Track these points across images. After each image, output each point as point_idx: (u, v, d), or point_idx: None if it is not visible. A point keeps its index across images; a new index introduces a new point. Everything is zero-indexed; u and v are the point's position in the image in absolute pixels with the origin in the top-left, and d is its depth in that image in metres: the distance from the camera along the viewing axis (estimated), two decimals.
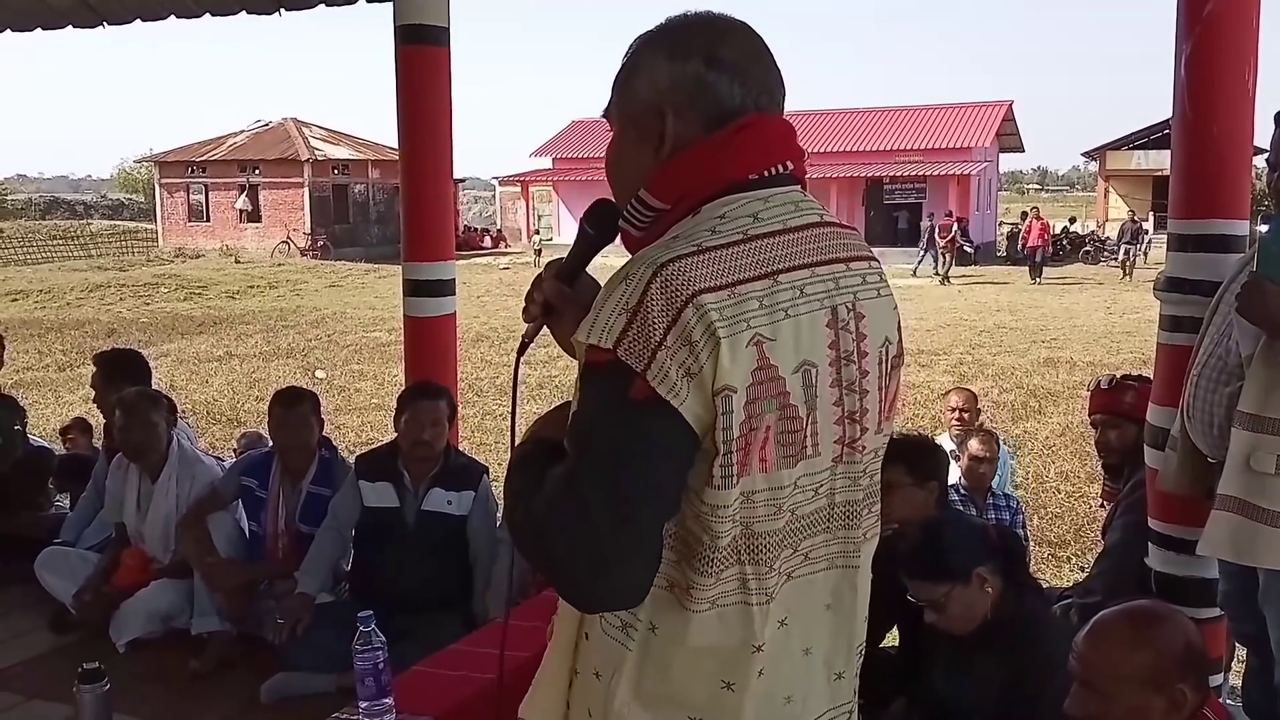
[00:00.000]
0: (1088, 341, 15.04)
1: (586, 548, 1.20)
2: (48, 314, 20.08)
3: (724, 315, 1.20)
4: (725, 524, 1.25)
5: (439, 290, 4.05)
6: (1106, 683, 1.94)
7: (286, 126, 37.76)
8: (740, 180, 1.32)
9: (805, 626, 1.37)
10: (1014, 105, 36.10)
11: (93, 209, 53.68)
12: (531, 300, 1.51)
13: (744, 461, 1.24)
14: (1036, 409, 10.48)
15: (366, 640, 2.35)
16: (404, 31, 3.93)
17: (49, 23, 5.81)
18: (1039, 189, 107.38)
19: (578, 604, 1.29)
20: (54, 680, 3.46)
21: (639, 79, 1.38)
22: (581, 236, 1.52)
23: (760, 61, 1.37)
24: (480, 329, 15.89)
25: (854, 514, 1.39)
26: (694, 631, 1.28)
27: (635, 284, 1.22)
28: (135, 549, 4.25)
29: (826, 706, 1.42)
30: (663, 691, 1.30)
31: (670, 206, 1.33)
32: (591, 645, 1.34)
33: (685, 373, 1.19)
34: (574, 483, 1.21)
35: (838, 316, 1.32)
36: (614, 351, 1.20)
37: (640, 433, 1.20)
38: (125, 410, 4.19)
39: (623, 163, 1.42)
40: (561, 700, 1.38)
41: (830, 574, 1.39)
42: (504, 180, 43.34)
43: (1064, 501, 7.37)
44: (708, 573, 1.26)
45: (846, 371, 1.33)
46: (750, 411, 1.22)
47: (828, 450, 1.33)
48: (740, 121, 1.33)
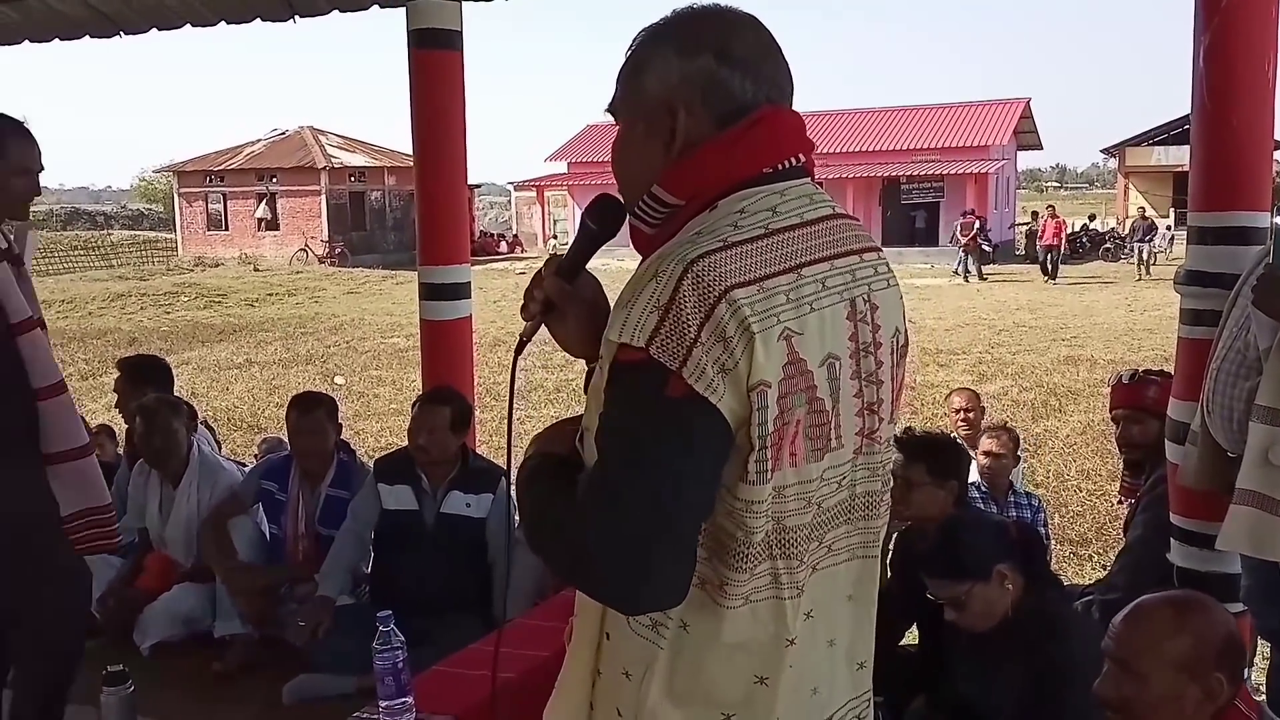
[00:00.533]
0: (1108, 339, 14.95)
1: (627, 551, 1.19)
2: (70, 324, 20.24)
3: (755, 310, 1.20)
4: (759, 519, 1.25)
5: (455, 294, 4.06)
6: (1143, 665, 1.93)
7: (303, 135, 37.96)
8: (755, 175, 1.31)
9: (829, 618, 1.37)
10: (1031, 102, 35.92)
11: (113, 219, 54.15)
12: (531, 298, 1.48)
13: (777, 456, 1.24)
14: (1057, 407, 10.43)
15: (386, 640, 2.36)
16: (417, 36, 3.94)
17: (66, 33, 5.85)
18: (1058, 187, 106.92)
19: (620, 607, 1.28)
20: (79, 684, 3.47)
21: (648, 74, 1.36)
22: (583, 232, 1.50)
23: (770, 56, 1.36)
24: (497, 333, 15.91)
25: (873, 504, 1.40)
26: (728, 628, 1.28)
27: (666, 281, 1.20)
28: (158, 554, 4.28)
29: (849, 696, 1.43)
30: (696, 689, 1.29)
31: (685, 202, 1.32)
32: (616, 645, 1.33)
33: (721, 369, 1.19)
34: (608, 484, 1.21)
35: (856, 309, 1.33)
36: (646, 350, 1.19)
37: (678, 431, 1.19)
38: (146, 417, 4.23)
39: (631, 159, 1.40)
40: (585, 701, 1.37)
41: (852, 565, 1.40)
42: (519, 185, 43.43)
43: (1085, 500, 7.33)
44: (741, 568, 1.26)
45: (865, 363, 1.34)
46: (783, 406, 1.22)
47: (850, 442, 1.34)
48: (753, 116, 1.32)
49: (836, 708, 1.41)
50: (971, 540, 2.71)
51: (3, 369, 2.84)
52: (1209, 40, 2.83)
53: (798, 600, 1.31)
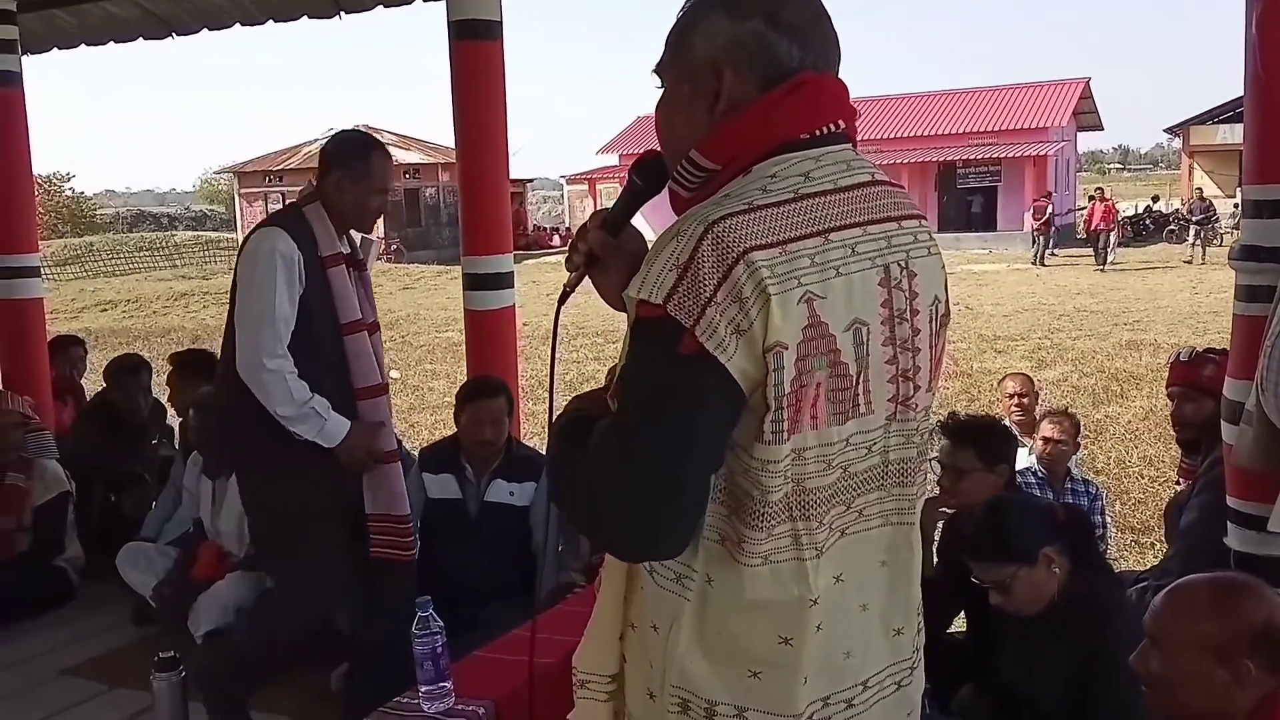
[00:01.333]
0: (1172, 323, 14.62)
1: (630, 497, 1.23)
2: (135, 323, 20.72)
3: (775, 272, 1.21)
4: (776, 479, 1.26)
5: (498, 284, 4.08)
6: (1173, 644, 1.91)
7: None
8: (792, 139, 1.32)
9: (861, 582, 1.38)
10: (1091, 82, 35.20)
11: (177, 221, 55.31)
12: (575, 250, 1.52)
13: (795, 418, 1.25)
14: (1118, 393, 10.22)
15: (425, 625, 2.38)
16: (457, 27, 3.97)
17: (120, 35, 6.00)
18: (1120, 168, 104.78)
19: (621, 553, 1.33)
20: (135, 670, 3.56)
21: (696, 36, 1.37)
22: (629, 187, 1.52)
23: (818, 23, 1.36)
24: (550, 326, 15.95)
25: (908, 471, 1.41)
26: (748, 585, 1.29)
27: (686, 240, 1.23)
28: (211, 543, 4.35)
29: (887, 662, 1.43)
30: (723, 644, 1.31)
31: (721, 168, 1.33)
32: (645, 598, 1.37)
33: (735, 329, 1.20)
34: (619, 433, 1.25)
35: (890, 275, 1.33)
36: (664, 307, 1.21)
37: (686, 387, 1.21)
38: (200, 410, 4.31)
39: (675, 121, 1.41)
40: (615, 652, 1.42)
41: (885, 531, 1.41)
42: (571, 179, 43.56)
43: (1147, 487, 7.18)
44: (759, 527, 1.28)
45: (900, 330, 1.34)
46: (801, 368, 1.23)
47: (881, 408, 1.34)
48: (794, 80, 1.33)
49: (872, 673, 1.41)
50: (1017, 523, 2.66)
51: (329, 366, 3.09)
52: (1261, 7, 2.75)
53: (818, 561, 1.32)
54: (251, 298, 3.02)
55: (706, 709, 1.32)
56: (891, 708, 1.45)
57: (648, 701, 1.38)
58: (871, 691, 1.41)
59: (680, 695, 1.33)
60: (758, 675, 1.31)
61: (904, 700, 1.47)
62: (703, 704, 1.32)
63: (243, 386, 3.03)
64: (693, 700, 1.33)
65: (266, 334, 2.98)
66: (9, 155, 5.58)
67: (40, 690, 3.73)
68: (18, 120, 5.56)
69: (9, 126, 5.54)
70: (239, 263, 3.12)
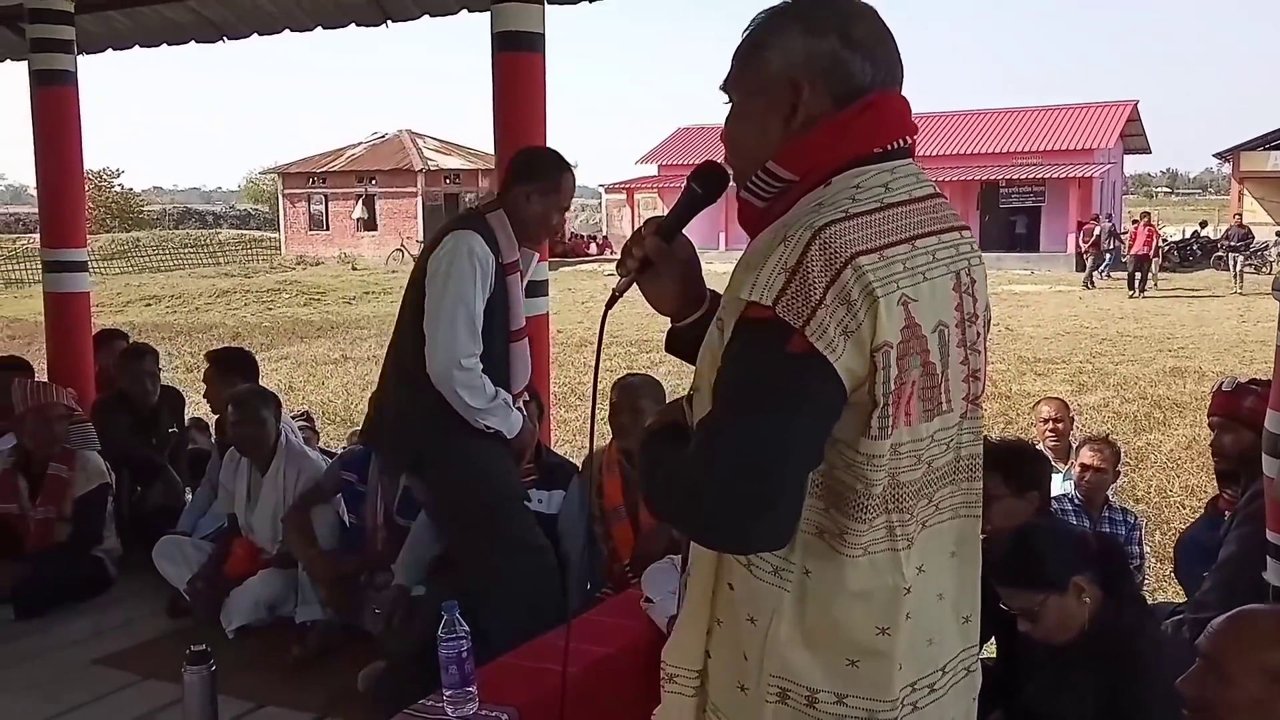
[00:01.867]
0: (1218, 351, 14.37)
1: (739, 490, 1.28)
2: (178, 318, 21.02)
3: (878, 276, 1.29)
4: (879, 473, 1.34)
5: (532, 291, 4.09)
6: (1234, 668, 1.88)
7: (401, 138, 38.78)
8: (866, 154, 1.40)
9: (938, 573, 1.46)
10: (1139, 105, 34.80)
11: (222, 219, 55.97)
12: (629, 254, 1.58)
13: (896, 414, 1.33)
14: (1161, 420, 10.07)
15: (451, 629, 2.39)
16: (500, 39, 4.00)
17: (173, 38, 6.10)
18: (1168, 192, 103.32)
19: (728, 546, 1.36)
20: (167, 662, 3.58)
21: (772, 51, 1.42)
22: (687, 195, 1.58)
23: (886, 42, 1.44)
24: (584, 334, 16.03)
25: (975, 466, 1.50)
26: (848, 576, 1.36)
27: (794, 245, 1.29)
28: (245, 539, 4.40)
29: (960, 648, 1.51)
30: (823, 633, 1.37)
31: (800, 178, 1.40)
32: (738, 594, 1.41)
33: (843, 330, 1.27)
34: (727, 432, 1.29)
35: (960, 281, 1.42)
36: (773, 309, 1.27)
37: (795, 385, 1.28)
38: (237, 406, 4.37)
39: (747, 134, 1.47)
40: (701, 648, 1.46)
41: (955, 523, 1.48)
42: (610, 188, 43.64)
43: (1188, 517, 7.03)
44: (861, 519, 1.34)
45: (969, 332, 1.44)
46: (901, 367, 1.31)
47: (957, 406, 1.44)
48: (867, 99, 1.40)
49: (949, 658, 1.49)
50: (1047, 549, 2.62)
51: (495, 368, 3.25)
52: None
53: (908, 552, 1.39)
54: (448, 298, 3.14)
55: (808, 696, 1.37)
56: (962, 691, 1.52)
57: (738, 695, 1.42)
58: (949, 676, 1.49)
59: (780, 684, 1.38)
60: (856, 664, 1.37)
61: (970, 685, 1.54)
62: (804, 692, 1.37)
63: (424, 386, 3.15)
64: (793, 689, 1.38)
65: (463, 333, 3.13)
66: (62, 152, 5.71)
67: (72, 679, 3.76)
68: (71, 119, 5.68)
69: (63, 124, 5.66)
70: (430, 262, 3.22)
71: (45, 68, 5.53)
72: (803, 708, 1.38)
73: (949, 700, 1.48)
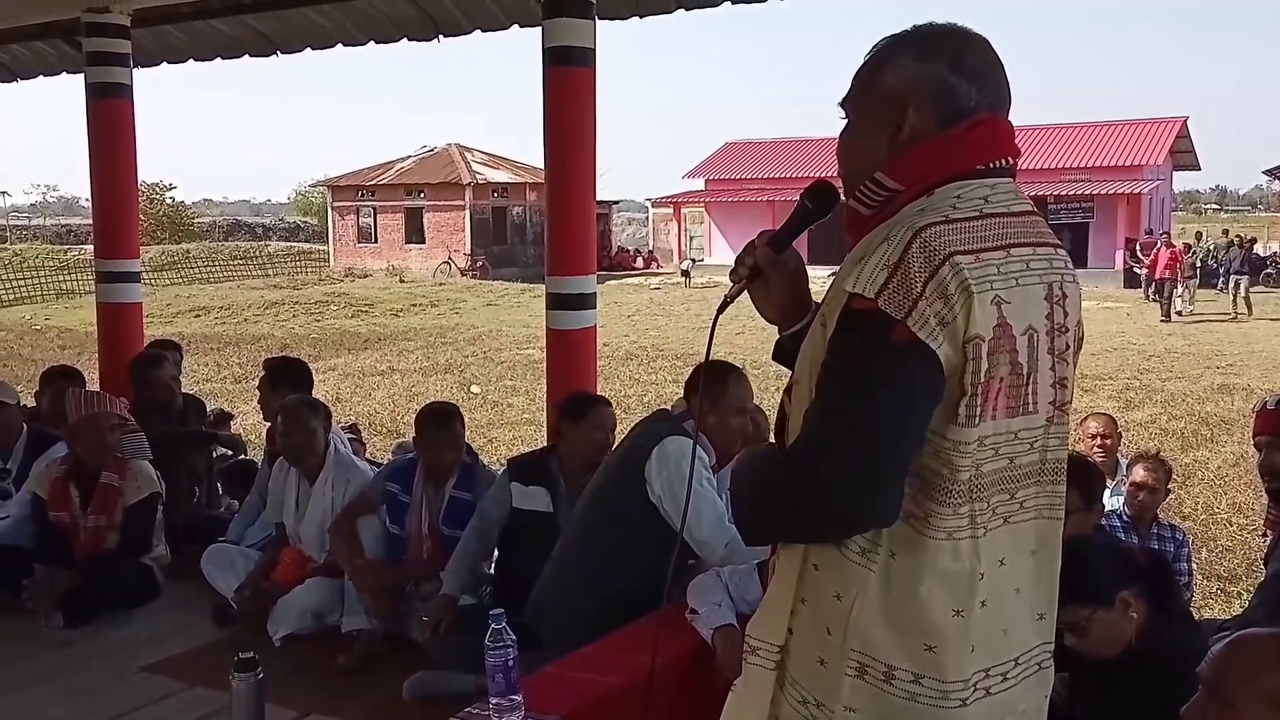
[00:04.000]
0: (1267, 368, 14.18)
1: (858, 473, 1.37)
2: (226, 329, 21.32)
3: (973, 275, 1.39)
4: (965, 460, 1.43)
5: (580, 304, 4.13)
6: (1233, 693, 1.86)
7: (450, 152, 39.07)
8: (968, 169, 1.50)
9: (1017, 568, 1.53)
10: (1189, 121, 34.33)
11: (271, 231, 56.56)
12: (742, 263, 1.70)
13: (984, 406, 1.42)
14: (1208, 437, 9.95)
15: (498, 637, 2.40)
16: (551, 54, 4.04)
17: (227, 52, 6.22)
18: (1217, 209, 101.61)
19: (844, 520, 1.43)
20: (214, 669, 3.61)
21: (886, 74, 1.55)
22: (799, 210, 1.70)
23: (994, 70, 1.55)
24: (630, 347, 16.09)
25: (1060, 470, 1.57)
26: (931, 558, 1.45)
27: (897, 244, 1.40)
28: (293, 548, 4.45)
29: (1035, 642, 1.58)
30: (905, 615, 1.45)
31: (904, 189, 1.51)
32: (824, 574, 1.50)
33: (940, 321, 1.38)
34: (840, 417, 1.40)
35: (1052, 292, 1.50)
36: (875, 301, 1.38)
37: (900, 371, 1.38)
38: (287, 416, 4.40)
39: (858, 148, 1.59)
40: (784, 625, 1.54)
41: (1038, 523, 1.56)
42: (657, 202, 43.72)
43: (1235, 534, 6.97)
44: (947, 503, 1.44)
45: (1059, 341, 1.52)
46: (991, 361, 1.41)
47: (1043, 409, 1.51)
48: (974, 119, 1.52)
49: (1022, 650, 1.55)
50: (1095, 564, 2.59)
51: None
52: None
53: (985, 539, 1.47)
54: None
55: (885, 672, 1.46)
56: (1033, 686, 1.59)
57: (817, 669, 1.50)
58: (1021, 668, 1.55)
59: (860, 659, 1.46)
60: (933, 649, 1.45)
61: (1043, 681, 1.61)
62: (881, 667, 1.46)
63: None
64: (872, 664, 1.46)
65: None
66: (117, 165, 5.83)
67: (120, 686, 3.80)
68: (127, 131, 5.80)
69: (118, 137, 5.78)
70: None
71: (101, 80, 5.65)
72: (879, 682, 1.46)
73: (1020, 691, 1.55)
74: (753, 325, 1.87)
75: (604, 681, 2.59)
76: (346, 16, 5.56)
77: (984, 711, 1.49)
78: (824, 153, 37.37)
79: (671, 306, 24.90)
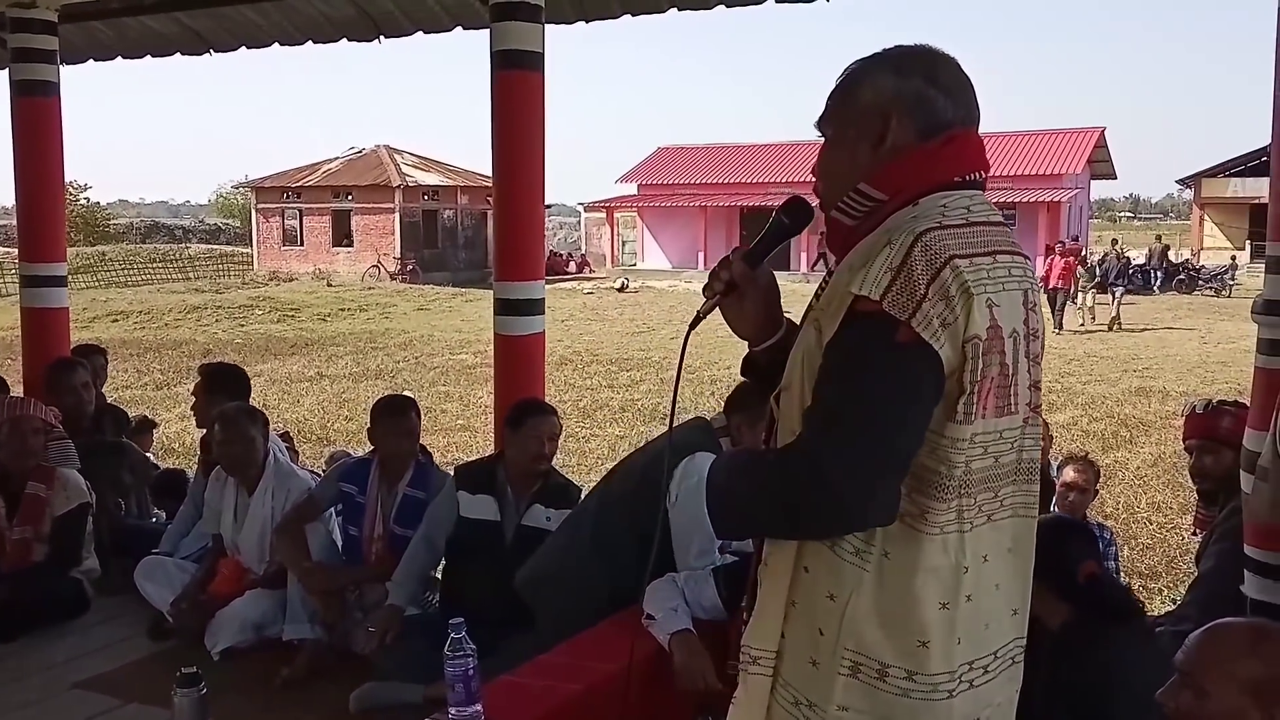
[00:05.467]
0: (1181, 371, 14.66)
1: (858, 471, 1.41)
2: (146, 334, 20.78)
3: (971, 277, 1.45)
4: (960, 456, 1.48)
5: (529, 309, 4.11)
6: (1208, 680, 1.92)
7: (379, 154, 38.64)
8: (947, 181, 1.56)
9: (997, 564, 1.58)
10: (1106, 132, 35.36)
11: (191, 233, 55.39)
12: (717, 277, 1.72)
13: (979, 404, 1.48)
14: (1128, 438, 10.26)
15: (458, 646, 2.39)
16: (500, 57, 4.02)
17: (158, 50, 6.06)
18: (1131, 217, 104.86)
19: (845, 523, 1.47)
20: (152, 685, 3.53)
21: (864, 88, 1.61)
22: (774, 225, 1.73)
23: (966, 87, 1.62)
24: (564, 352, 16.04)
25: (1034, 470, 1.62)
26: (925, 553, 1.49)
27: (899, 248, 1.45)
28: (231, 559, 4.35)
29: (1011, 636, 1.63)
30: (897, 613, 1.49)
31: (889, 199, 1.56)
32: (816, 576, 1.53)
33: (942, 322, 1.43)
34: (842, 416, 1.44)
35: (1027, 298, 1.57)
36: (880, 303, 1.43)
37: (904, 371, 1.43)
38: (225, 425, 4.31)
39: (839, 160, 1.63)
40: (777, 629, 1.58)
41: (1014, 521, 1.61)
42: (589, 206, 43.72)
43: (1155, 533, 7.19)
44: (942, 499, 1.49)
45: (1033, 346, 1.58)
46: (985, 361, 1.47)
47: (1022, 410, 1.57)
48: (950, 133, 1.58)
49: (1001, 644, 1.61)
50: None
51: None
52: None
53: (969, 534, 1.52)
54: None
55: (879, 670, 1.50)
56: (1009, 679, 1.64)
57: (809, 669, 1.54)
58: (1000, 661, 1.61)
59: (853, 658, 1.50)
60: (925, 645, 1.50)
61: (1015, 675, 1.66)
62: (875, 665, 1.50)
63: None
64: (865, 662, 1.50)
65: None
66: (43, 164, 5.66)
67: (52, 703, 3.69)
68: (53, 131, 5.64)
69: (44, 137, 5.61)
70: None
71: (26, 78, 5.46)
72: (873, 680, 1.50)
73: (997, 684, 1.60)
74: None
75: (564, 689, 2.58)
76: (284, 16, 5.45)
77: (968, 703, 1.54)
78: (756, 159, 37.85)
79: (606, 311, 24.89)
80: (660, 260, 38.10)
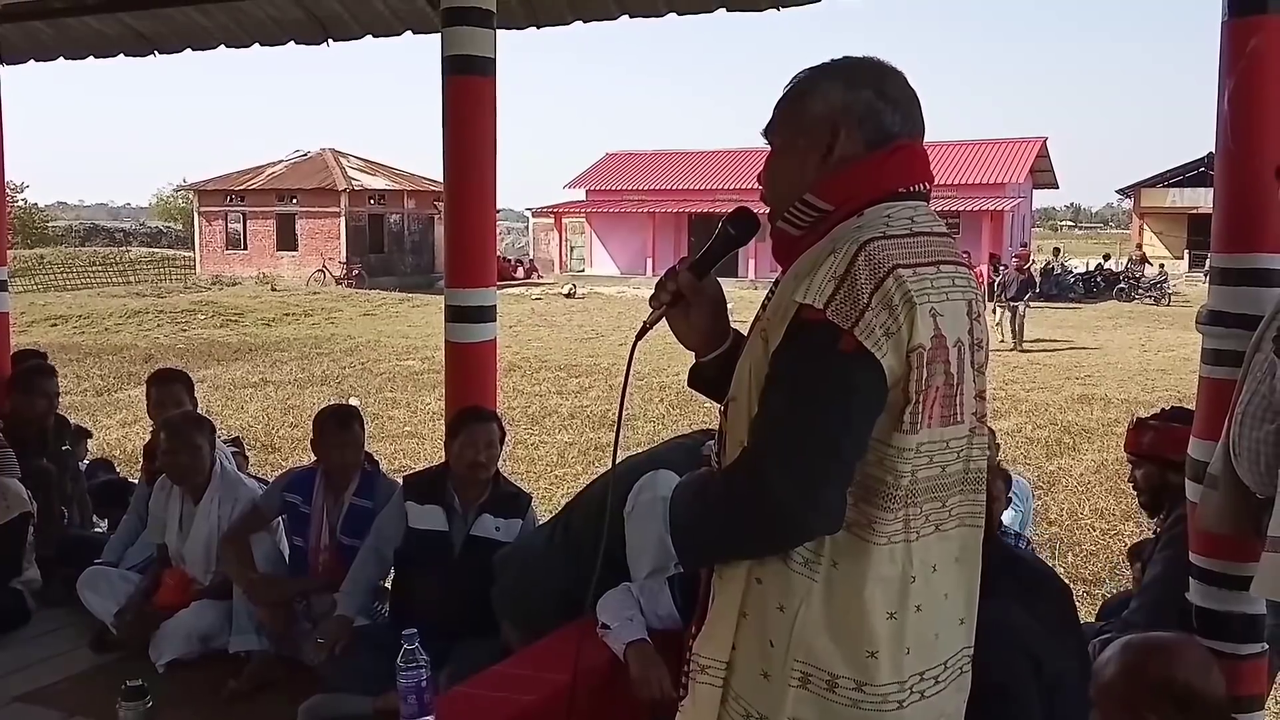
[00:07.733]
0: (1122, 379, 14.92)
1: (802, 480, 1.41)
2: (86, 339, 20.36)
3: (914, 287, 1.46)
4: (906, 465, 1.48)
5: (480, 316, 4.08)
6: (1097, 697, 2.09)
7: (324, 157, 38.24)
8: (892, 191, 1.57)
9: (945, 574, 1.59)
10: (1048, 142, 36.01)
11: (132, 236, 54.48)
12: (663, 288, 1.71)
13: (924, 413, 1.48)
14: (1070, 446, 10.41)
15: (411, 658, 2.38)
16: (451, 62, 3.98)
17: (101, 51, 5.94)
18: (1072, 225, 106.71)
19: (790, 533, 1.47)
20: (95, 698, 3.48)
21: (813, 99, 1.61)
22: (721, 235, 1.72)
23: (912, 100, 1.63)
24: (513, 358, 15.97)
25: (980, 479, 1.63)
26: (873, 563, 1.49)
27: (843, 257, 1.46)
28: (176, 570, 4.28)
29: (960, 646, 1.64)
30: (846, 623, 1.49)
31: (834, 209, 1.56)
32: (767, 587, 1.53)
33: (885, 332, 1.43)
34: (786, 425, 1.45)
35: (971, 308, 1.58)
36: (824, 311, 1.43)
37: (847, 379, 1.44)
38: (171, 433, 4.25)
39: (786, 170, 1.63)
40: (729, 640, 1.57)
41: (961, 530, 1.61)
42: (537, 212, 43.62)
43: (1098, 539, 7.30)
44: (889, 509, 1.49)
45: (977, 356, 1.59)
46: (929, 370, 1.47)
47: (968, 419, 1.58)
48: (896, 144, 1.59)
49: (950, 654, 1.61)
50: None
51: None
52: (1233, 84, 2.85)
53: (916, 543, 1.52)
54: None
55: (829, 681, 1.50)
56: (958, 689, 1.64)
57: (760, 681, 1.54)
58: (949, 671, 1.61)
59: (803, 669, 1.50)
60: (875, 655, 1.49)
61: (963, 685, 1.67)
62: (825, 676, 1.50)
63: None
64: (815, 673, 1.50)
65: None
66: None
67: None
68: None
69: None
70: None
71: None
72: (823, 691, 1.50)
73: (947, 694, 1.61)
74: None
75: (518, 700, 2.57)
76: (231, 17, 5.37)
77: (919, 713, 1.54)
78: (704, 165, 38.02)
79: (554, 318, 24.83)
80: (608, 266, 38.12)
